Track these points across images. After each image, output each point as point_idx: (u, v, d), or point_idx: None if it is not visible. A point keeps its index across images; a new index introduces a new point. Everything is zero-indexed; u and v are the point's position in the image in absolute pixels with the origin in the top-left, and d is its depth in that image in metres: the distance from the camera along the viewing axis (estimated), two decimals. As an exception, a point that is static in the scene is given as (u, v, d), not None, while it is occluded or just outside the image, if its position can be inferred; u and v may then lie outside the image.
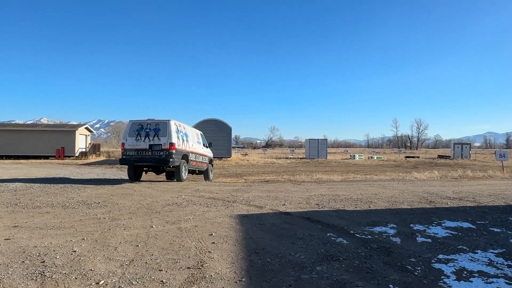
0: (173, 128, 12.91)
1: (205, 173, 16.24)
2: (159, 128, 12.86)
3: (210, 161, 16.36)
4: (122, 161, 13.22)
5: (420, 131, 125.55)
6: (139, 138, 12.84)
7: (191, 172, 15.09)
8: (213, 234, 6.39)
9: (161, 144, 12.61)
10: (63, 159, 36.17)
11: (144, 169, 13.88)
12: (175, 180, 13.83)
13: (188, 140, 14.01)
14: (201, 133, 16.77)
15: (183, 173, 13.44)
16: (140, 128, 12.92)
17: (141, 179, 15.69)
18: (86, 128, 42.59)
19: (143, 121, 13.12)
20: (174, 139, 12.68)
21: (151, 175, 17.58)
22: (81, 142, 40.41)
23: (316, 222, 7.49)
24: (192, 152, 14.20)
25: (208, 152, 16.39)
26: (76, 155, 38.11)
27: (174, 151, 12.65)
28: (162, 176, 17.70)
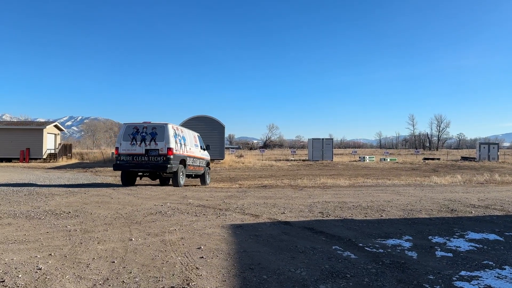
0: (171, 132, 13.50)
1: (201, 177, 16.88)
2: (156, 132, 13.43)
3: (207, 164, 17.16)
4: (116, 167, 13.72)
5: (440, 129, 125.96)
6: (135, 142, 13.40)
7: (187, 176, 15.63)
8: (202, 247, 6.38)
9: (158, 149, 13.19)
10: (28, 162, 36.01)
11: (139, 174, 14.37)
12: (171, 185, 14.35)
13: (186, 144, 14.67)
14: (199, 135, 17.62)
15: (180, 179, 14.01)
16: (136, 132, 13.49)
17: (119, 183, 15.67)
18: (56, 126, 42.42)
19: (139, 124, 13.68)
20: (172, 144, 13.27)
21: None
22: (50, 142, 40.23)
23: (319, 233, 7.49)
24: (189, 156, 14.87)
25: (206, 155, 17.21)
26: (44, 157, 37.95)
27: (172, 156, 13.22)
28: (145, 180, 17.67)
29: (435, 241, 6.99)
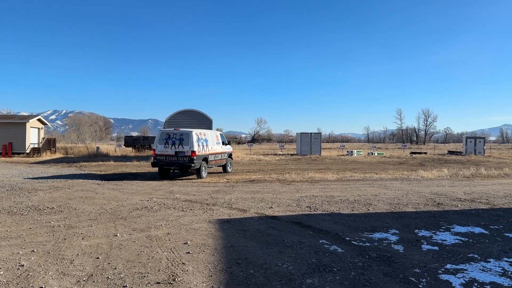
0: (194, 138, 16.97)
1: (224, 167, 20.66)
2: (183, 138, 17.00)
3: (230, 156, 21.14)
4: (153, 164, 17.52)
5: (428, 123, 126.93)
6: (167, 145, 17.04)
7: (210, 167, 19.25)
8: (188, 242, 6.36)
9: (184, 151, 16.74)
10: (11, 156, 35.48)
11: (171, 169, 17.84)
12: (196, 177, 17.69)
13: (207, 144, 18.28)
14: (221, 133, 21.50)
15: (203, 173, 17.58)
16: (168, 137, 17.15)
17: (104, 178, 15.56)
18: (39, 120, 41.82)
19: (170, 131, 17.59)
20: (195, 147, 16.80)
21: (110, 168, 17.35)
22: (33, 136, 39.65)
23: (307, 227, 7.53)
24: (211, 154, 18.55)
25: (227, 149, 20.93)
26: (27, 152, 37.43)
27: (195, 157, 16.70)
28: (132, 175, 17.57)
29: (421, 235, 7.07)
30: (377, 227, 7.63)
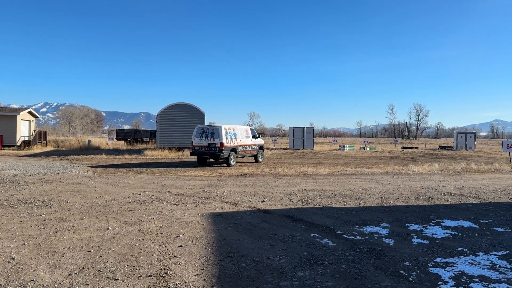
0: (223, 132, 20.52)
1: (255, 157, 24.12)
2: (214, 132, 20.65)
3: (261, 147, 24.73)
4: (192, 154, 21.50)
5: (419, 118, 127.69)
6: (202, 138, 20.83)
7: (242, 157, 23.16)
8: (181, 236, 6.37)
9: (215, 143, 20.39)
10: (1, 149, 35.17)
11: (207, 158, 21.61)
12: (225, 165, 21.13)
13: (236, 137, 21.75)
14: (251, 128, 25.27)
15: (231, 161, 21.14)
16: (202, 132, 20.97)
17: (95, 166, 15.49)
18: (30, 113, 41.42)
19: (205, 126, 21.60)
20: (224, 140, 20.42)
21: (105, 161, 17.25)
22: (24, 129, 39.28)
23: (299, 221, 7.57)
24: (240, 145, 22.01)
25: (258, 141, 24.49)
26: (18, 144, 37.11)
27: (223, 148, 20.29)
28: (122, 168, 17.49)
29: (411, 229, 7.14)
30: (368, 221, 7.69)
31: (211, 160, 21.84)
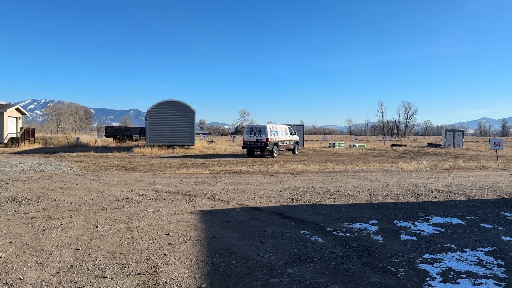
0: (268, 130, 25.40)
1: (292, 150, 29.44)
2: (260, 130, 25.58)
3: (296, 143, 30.06)
4: (243, 147, 26.38)
5: (408, 116, 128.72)
6: (251, 135, 25.78)
7: (282, 150, 28.04)
8: (170, 233, 6.35)
9: (262, 139, 25.24)
10: (-12, 146, 34.66)
11: (255, 151, 26.43)
12: (269, 156, 26.11)
13: (277, 134, 26.64)
14: (289, 126, 30.32)
15: (274, 153, 26.01)
16: (251, 130, 26.07)
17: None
18: (17, 110, 40.93)
19: (253, 125, 26.82)
20: (269, 136, 25.20)
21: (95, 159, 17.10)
22: (11, 126, 38.82)
23: (289, 218, 7.59)
24: (280, 141, 26.96)
25: (295, 138, 29.83)
26: (5, 142, 36.65)
27: (268, 143, 25.12)
28: (112, 165, 17.36)
29: (400, 225, 7.20)
30: (358, 217, 7.74)
31: (258, 152, 26.49)
